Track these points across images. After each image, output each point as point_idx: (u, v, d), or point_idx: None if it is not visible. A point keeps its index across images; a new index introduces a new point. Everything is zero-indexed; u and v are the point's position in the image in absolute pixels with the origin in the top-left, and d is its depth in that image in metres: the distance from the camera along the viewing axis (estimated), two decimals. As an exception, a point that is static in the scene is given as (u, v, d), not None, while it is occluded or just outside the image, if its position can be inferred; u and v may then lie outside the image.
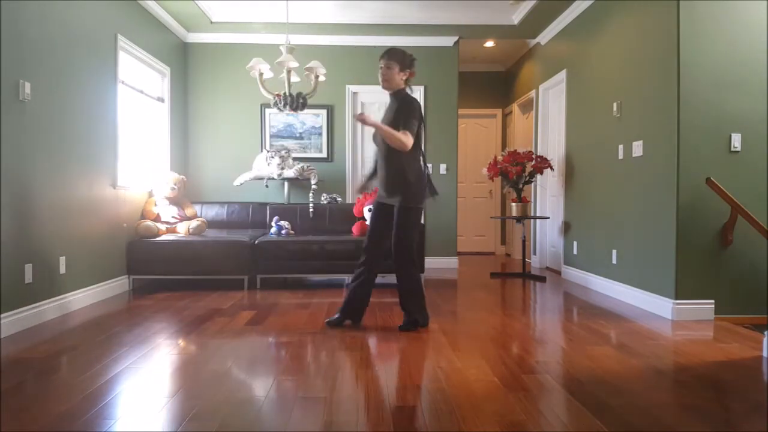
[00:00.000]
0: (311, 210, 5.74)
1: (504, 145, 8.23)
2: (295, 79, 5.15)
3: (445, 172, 6.64)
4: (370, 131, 6.66)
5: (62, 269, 3.94)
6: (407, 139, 3.30)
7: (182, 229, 5.24)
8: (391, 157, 3.41)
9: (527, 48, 7.09)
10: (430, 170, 3.60)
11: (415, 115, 3.35)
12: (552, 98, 6.54)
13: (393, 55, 3.47)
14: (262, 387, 2.44)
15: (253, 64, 5.01)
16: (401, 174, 3.40)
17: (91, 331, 3.44)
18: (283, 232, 5.37)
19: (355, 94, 6.63)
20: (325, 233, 5.66)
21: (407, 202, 3.41)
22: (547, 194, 6.67)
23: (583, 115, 5.48)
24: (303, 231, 5.70)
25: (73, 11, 4.08)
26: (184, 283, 5.28)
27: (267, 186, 6.10)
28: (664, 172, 3.97)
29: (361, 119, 3.33)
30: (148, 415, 2.11)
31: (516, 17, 6.06)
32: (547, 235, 6.69)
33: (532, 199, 6.93)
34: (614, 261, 4.73)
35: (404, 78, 3.48)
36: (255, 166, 5.98)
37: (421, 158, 3.50)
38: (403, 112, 3.36)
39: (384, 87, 3.50)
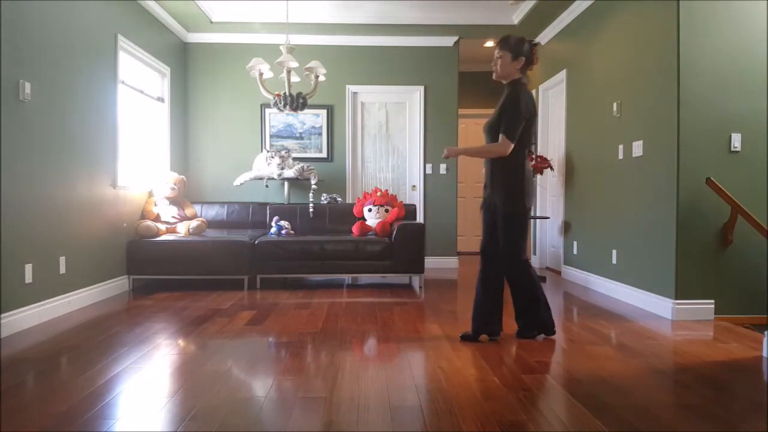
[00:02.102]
0: (311, 210, 5.74)
1: (504, 145, 8.22)
2: (295, 79, 5.15)
3: (445, 172, 6.64)
4: (369, 132, 6.69)
5: (62, 269, 3.94)
6: (504, 147, 3.10)
7: (182, 229, 5.24)
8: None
9: (527, 48, 7.08)
10: (530, 170, 3.28)
11: (518, 115, 3.09)
12: (552, 98, 6.54)
13: (505, 43, 3.21)
14: (262, 387, 2.44)
15: (253, 64, 5.01)
16: (500, 175, 3.21)
17: (91, 331, 3.44)
18: (283, 232, 5.37)
19: (355, 94, 6.62)
20: (325, 233, 5.65)
21: (506, 207, 3.20)
22: (547, 194, 6.67)
23: (583, 115, 5.48)
24: (303, 231, 5.70)
25: (73, 11, 4.08)
26: (184, 283, 5.28)
27: (267, 186, 6.10)
28: (664, 172, 3.97)
29: (448, 155, 3.32)
30: (148, 415, 2.11)
31: (516, 17, 6.06)
32: (547, 235, 6.68)
33: (532, 199, 6.92)
34: (614, 261, 4.73)
35: (519, 66, 3.19)
36: (255, 166, 5.98)
37: (527, 158, 3.23)
38: (506, 112, 3.13)
39: (496, 77, 3.27)
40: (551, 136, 6.56)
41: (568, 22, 5.75)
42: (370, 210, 5.56)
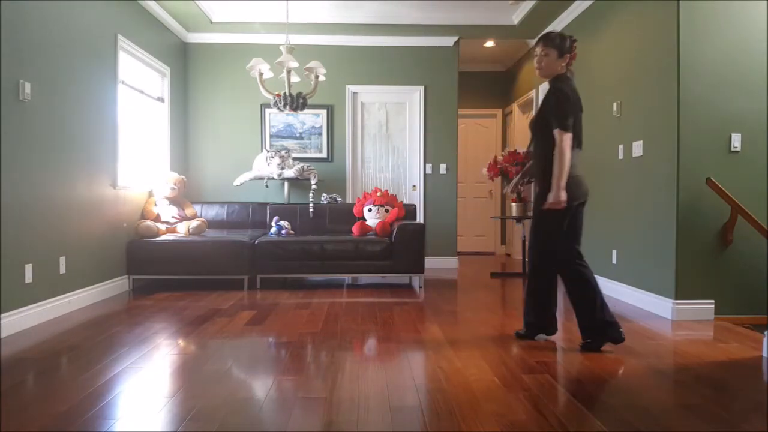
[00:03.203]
0: (311, 210, 5.73)
1: (504, 145, 8.23)
2: (295, 79, 5.15)
3: (445, 172, 6.64)
4: (369, 132, 6.69)
5: (62, 269, 3.94)
6: (563, 143, 2.98)
7: (182, 229, 5.24)
8: (537, 146, 3.17)
9: (527, 48, 7.08)
10: (576, 167, 3.10)
11: (565, 107, 3.03)
12: (552, 98, 6.53)
13: (550, 40, 3.14)
14: (262, 387, 2.44)
15: (253, 64, 5.01)
16: (546, 164, 3.07)
17: (91, 331, 3.44)
18: (283, 232, 5.37)
19: (355, 94, 6.62)
20: (325, 233, 5.65)
21: (538, 201, 3.15)
22: (547, 194, 6.66)
23: (583, 115, 5.46)
24: (303, 231, 5.70)
25: (73, 11, 4.08)
26: (184, 283, 5.28)
27: (267, 186, 6.10)
28: (664, 172, 3.97)
29: (558, 202, 3.01)
30: (148, 415, 2.11)
31: (516, 17, 6.06)
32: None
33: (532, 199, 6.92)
34: (614, 261, 4.73)
35: (564, 64, 3.14)
36: (255, 166, 5.98)
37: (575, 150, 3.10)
38: (554, 107, 3.05)
39: (541, 75, 3.20)
40: (551, 136, 6.55)
41: (568, 22, 5.74)
42: (370, 210, 5.56)
